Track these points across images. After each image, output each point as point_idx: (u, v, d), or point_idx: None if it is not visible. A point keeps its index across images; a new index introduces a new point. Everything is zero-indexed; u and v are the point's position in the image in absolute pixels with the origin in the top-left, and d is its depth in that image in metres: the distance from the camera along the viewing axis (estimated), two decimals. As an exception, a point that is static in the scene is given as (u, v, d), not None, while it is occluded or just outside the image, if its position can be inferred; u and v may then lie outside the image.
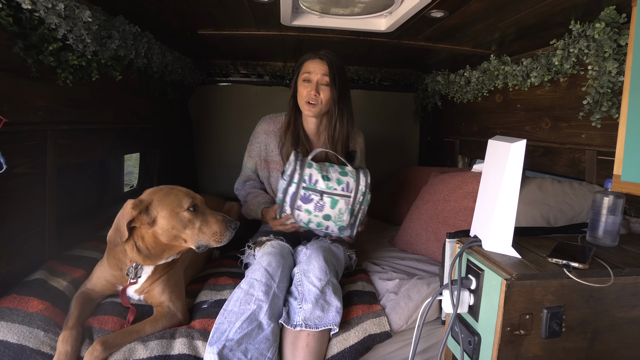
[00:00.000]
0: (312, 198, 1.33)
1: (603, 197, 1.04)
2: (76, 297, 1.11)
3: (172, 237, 1.08)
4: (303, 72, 1.46)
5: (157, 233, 1.08)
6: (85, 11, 1.18)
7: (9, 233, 1.11)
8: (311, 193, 1.33)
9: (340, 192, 1.33)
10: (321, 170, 1.35)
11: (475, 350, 0.91)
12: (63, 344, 0.95)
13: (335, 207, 1.33)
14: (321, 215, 1.34)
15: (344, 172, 1.38)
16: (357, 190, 1.35)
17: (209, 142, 2.76)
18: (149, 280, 1.16)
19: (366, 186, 1.37)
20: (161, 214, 1.07)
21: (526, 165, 1.69)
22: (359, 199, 1.36)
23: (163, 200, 1.08)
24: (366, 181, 1.37)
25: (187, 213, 1.08)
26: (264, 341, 1.05)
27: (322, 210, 1.33)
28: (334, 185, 1.33)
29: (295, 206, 1.34)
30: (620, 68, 1.20)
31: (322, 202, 1.32)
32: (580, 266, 0.85)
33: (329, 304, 1.15)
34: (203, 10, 1.49)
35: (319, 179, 1.33)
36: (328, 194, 1.33)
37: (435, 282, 1.34)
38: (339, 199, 1.33)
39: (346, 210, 1.34)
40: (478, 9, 1.30)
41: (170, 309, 1.14)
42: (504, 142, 0.92)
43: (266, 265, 1.22)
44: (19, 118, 1.10)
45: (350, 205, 1.35)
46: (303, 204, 1.33)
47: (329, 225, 1.36)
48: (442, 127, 2.73)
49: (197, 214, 1.10)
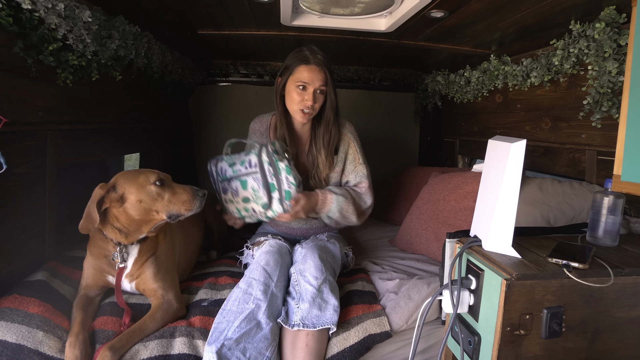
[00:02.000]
0: (226, 187, 1.39)
1: (603, 197, 1.04)
2: (76, 303, 1.12)
3: (143, 210, 1.13)
4: (298, 77, 1.39)
5: (127, 209, 1.12)
6: (85, 11, 1.18)
7: (9, 233, 1.11)
8: (225, 183, 1.40)
9: (244, 171, 1.35)
10: (230, 159, 1.40)
11: (475, 350, 0.91)
12: (71, 349, 0.95)
13: (247, 187, 1.35)
14: (240, 199, 1.37)
15: (249, 152, 1.38)
16: (261, 162, 1.32)
17: (209, 142, 2.75)
18: (137, 262, 1.18)
19: (269, 155, 1.32)
20: (129, 190, 1.12)
21: (526, 165, 1.69)
22: (269, 170, 1.31)
23: (129, 178, 1.14)
24: (267, 151, 1.33)
25: (154, 187, 1.14)
26: (263, 340, 1.05)
27: (238, 194, 1.36)
28: (239, 167, 1.37)
29: (224, 200, 1.41)
30: (620, 68, 1.20)
31: (234, 187, 1.37)
32: (580, 266, 0.85)
33: (327, 303, 1.15)
34: (203, 10, 1.49)
35: (227, 168, 1.39)
36: (235, 177, 1.37)
37: (435, 282, 1.34)
38: (246, 179, 1.35)
39: (260, 187, 1.33)
40: (478, 9, 1.30)
41: (165, 298, 1.15)
42: (504, 142, 0.92)
43: (264, 264, 1.23)
44: (19, 118, 1.10)
45: (261, 180, 1.32)
46: (225, 196, 1.40)
47: (253, 207, 1.37)
48: (442, 127, 2.73)
49: (164, 187, 1.15)
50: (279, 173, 1.32)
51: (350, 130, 1.55)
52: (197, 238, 1.56)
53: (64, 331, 1.03)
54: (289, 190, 1.32)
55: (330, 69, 1.42)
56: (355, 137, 1.56)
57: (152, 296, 1.17)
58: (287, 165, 1.32)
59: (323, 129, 1.48)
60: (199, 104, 2.71)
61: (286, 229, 1.59)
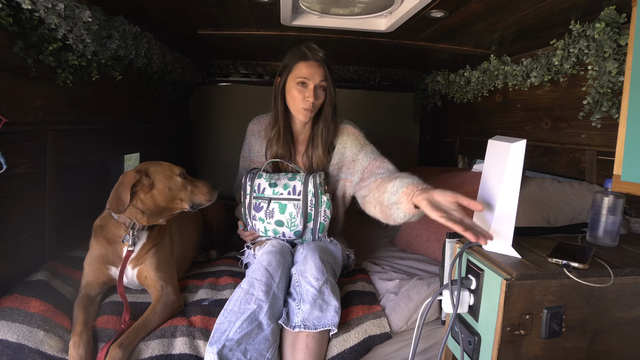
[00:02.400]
0: (262, 206, 1.37)
1: (603, 197, 1.04)
2: (77, 303, 1.12)
3: (170, 198, 1.21)
4: (297, 74, 1.37)
5: (155, 195, 1.19)
6: (85, 11, 1.19)
7: (9, 233, 1.11)
8: (260, 201, 1.38)
9: (287, 196, 1.35)
10: (270, 178, 1.39)
11: (475, 350, 0.91)
12: (75, 349, 0.95)
13: (284, 212, 1.35)
14: (273, 221, 1.37)
15: (293, 177, 1.39)
16: (306, 192, 1.34)
17: (209, 142, 2.76)
18: (144, 248, 1.21)
19: (315, 187, 1.35)
20: (157, 178, 1.20)
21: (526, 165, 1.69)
22: (311, 200, 1.35)
23: (157, 169, 1.23)
24: (314, 182, 1.35)
25: (180, 178, 1.24)
26: (264, 341, 1.05)
27: (273, 216, 1.36)
28: (280, 190, 1.36)
29: (251, 216, 1.40)
30: (620, 68, 1.20)
31: (270, 209, 1.36)
32: (580, 266, 0.85)
33: (328, 304, 1.15)
34: (203, 10, 1.49)
35: (266, 187, 1.38)
36: (275, 199, 1.36)
37: (435, 282, 1.34)
38: (286, 203, 1.35)
39: (298, 214, 1.34)
40: (478, 9, 1.30)
41: (165, 290, 1.17)
42: (504, 142, 0.92)
43: (266, 264, 1.22)
44: (19, 118, 1.10)
45: (301, 208, 1.34)
46: (256, 213, 1.38)
47: (284, 231, 1.37)
48: (442, 127, 2.73)
49: (186, 179, 1.26)
50: (320, 206, 1.36)
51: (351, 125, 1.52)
52: (193, 236, 1.56)
53: (64, 331, 1.03)
54: (323, 223, 1.38)
55: (329, 65, 1.41)
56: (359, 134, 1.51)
57: (151, 286, 1.19)
58: (328, 199, 1.37)
59: (322, 127, 1.45)
60: (199, 104, 2.71)
61: None
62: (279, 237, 1.40)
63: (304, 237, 1.40)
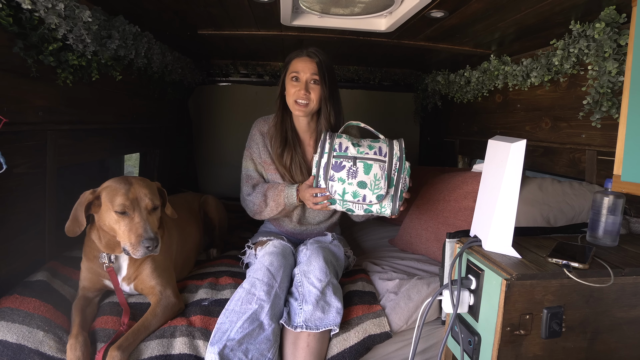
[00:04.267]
0: (344, 165, 1.27)
1: (603, 197, 1.04)
2: (75, 304, 1.12)
3: (109, 229, 1.10)
4: (291, 70, 1.41)
5: (99, 222, 1.11)
6: (85, 11, 1.18)
7: (9, 233, 1.11)
8: (342, 160, 1.27)
9: (373, 155, 1.27)
10: (351, 139, 1.31)
11: (475, 350, 0.91)
12: (72, 351, 0.95)
13: (369, 172, 1.25)
14: (355, 182, 1.25)
15: (376, 140, 1.33)
16: (391, 154, 1.28)
17: (209, 142, 2.76)
18: (132, 265, 1.18)
19: (401, 151, 1.29)
20: (103, 206, 1.09)
21: (526, 165, 1.69)
22: (395, 164, 1.28)
23: (108, 193, 1.09)
24: (400, 146, 1.30)
25: (115, 214, 1.08)
26: (265, 341, 1.05)
27: (356, 176, 1.25)
28: (365, 150, 1.28)
29: (329, 177, 1.28)
30: (620, 68, 1.20)
31: (355, 168, 1.26)
32: (580, 266, 0.85)
33: (330, 305, 1.15)
34: (203, 10, 1.49)
35: (349, 146, 1.29)
36: (360, 158, 1.26)
37: (435, 282, 1.34)
38: (372, 163, 1.26)
39: (382, 176, 1.25)
40: (478, 9, 1.30)
41: (164, 294, 1.16)
42: (504, 142, 0.92)
43: (268, 265, 1.22)
44: (19, 118, 1.10)
45: (386, 170, 1.26)
46: (335, 173, 1.27)
47: (365, 194, 1.26)
48: (442, 127, 2.73)
49: (124, 216, 1.08)
50: (402, 171, 1.29)
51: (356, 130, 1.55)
52: (195, 237, 1.56)
53: (64, 331, 1.03)
54: (403, 191, 1.29)
55: (326, 62, 1.41)
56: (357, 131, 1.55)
57: (150, 294, 1.18)
58: (409, 167, 1.30)
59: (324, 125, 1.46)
60: (199, 104, 2.71)
61: (290, 231, 1.58)
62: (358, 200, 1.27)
63: (383, 204, 1.29)
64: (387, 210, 1.29)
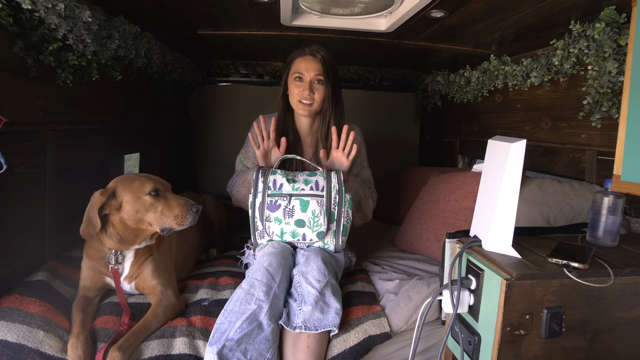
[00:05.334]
0: (279, 204, 1.22)
1: (603, 197, 1.04)
2: (75, 304, 1.12)
3: (138, 220, 1.12)
4: (294, 70, 1.40)
5: (124, 218, 1.11)
6: (85, 11, 1.18)
7: (9, 233, 1.11)
8: (277, 198, 1.23)
9: (309, 191, 1.23)
10: (286, 175, 1.27)
11: (475, 350, 0.91)
12: (73, 350, 0.95)
13: (307, 209, 1.21)
14: (293, 221, 1.22)
15: (312, 173, 1.30)
16: (329, 188, 1.23)
17: (209, 142, 2.76)
18: (135, 264, 1.18)
19: (339, 184, 1.25)
20: (125, 199, 1.11)
21: (526, 165, 1.69)
22: (335, 197, 1.23)
23: (127, 186, 1.12)
24: (338, 178, 1.26)
25: (149, 197, 1.11)
26: (264, 342, 1.05)
27: (293, 215, 1.22)
28: (301, 186, 1.24)
29: (265, 217, 1.24)
30: (620, 68, 1.20)
31: (290, 206, 1.21)
32: (580, 266, 0.85)
33: (329, 306, 1.15)
34: (203, 10, 1.50)
35: (283, 183, 1.24)
36: (296, 195, 1.22)
37: (435, 282, 1.34)
38: (309, 200, 1.22)
39: (321, 212, 1.22)
40: (478, 9, 1.30)
41: (164, 294, 1.16)
42: (504, 142, 0.92)
43: (267, 265, 1.22)
44: (19, 118, 1.10)
45: (325, 205, 1.22)
46: (271, 213, 1.23)
47: (305, 232, 1.23)
48: (442, 127, 2.73)
49: (159, 197, 1.13)
50: (344, 204, 1.24)
51: (358, 133, 1.55)
52: (194, 237, 1.56)
53: (64, 331, 1.03)
54: (346, 225, 1.26)
55: (329, 61, 1.41)
56: (363, 141, 1.58)
57: (151, 293, 1.18)
58: (351, 199, 1.26)
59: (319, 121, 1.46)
60: (199, 104, 2.71)
61: None
62: (298, 240, 1.25)
63: (326, 240, 1.27)
64: (331, 247, 1.28)
